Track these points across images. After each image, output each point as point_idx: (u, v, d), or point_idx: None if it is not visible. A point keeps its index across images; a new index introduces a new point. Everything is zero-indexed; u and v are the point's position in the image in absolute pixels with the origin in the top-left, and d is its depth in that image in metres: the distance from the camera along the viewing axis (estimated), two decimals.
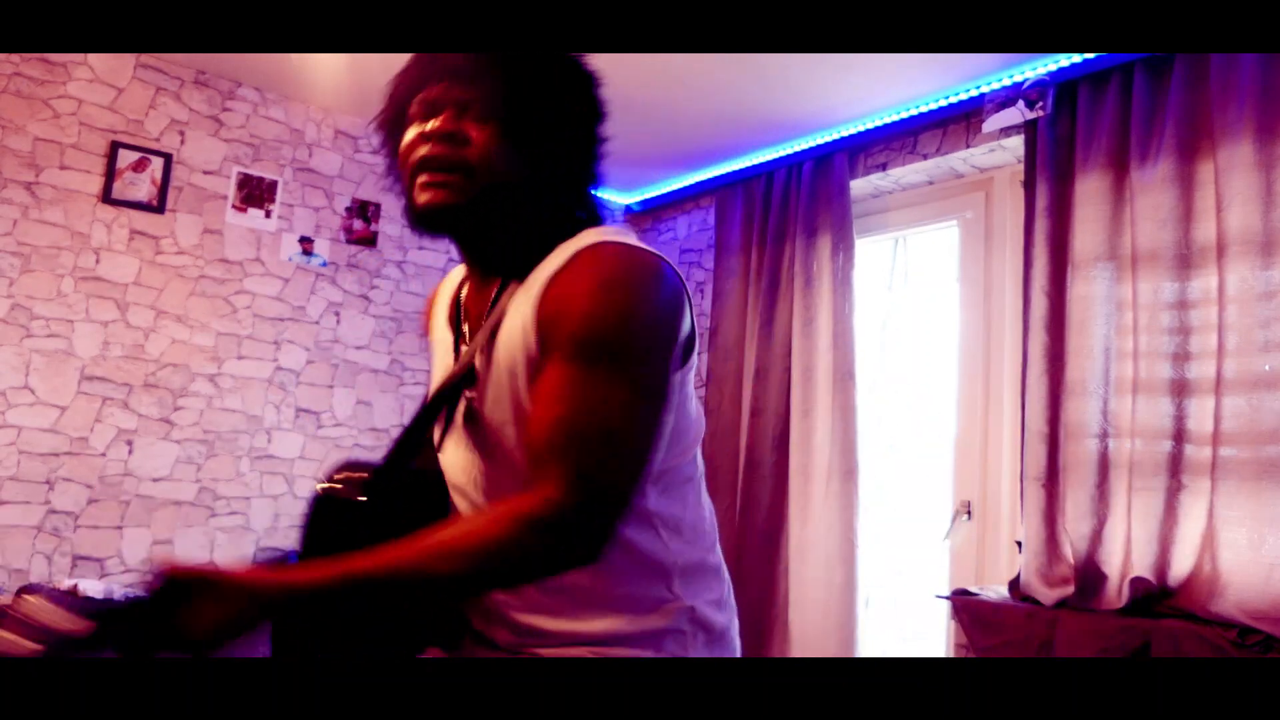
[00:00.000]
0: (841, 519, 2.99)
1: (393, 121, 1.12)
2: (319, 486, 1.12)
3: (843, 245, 3.13)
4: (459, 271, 1.26)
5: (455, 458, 1.15)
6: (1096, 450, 2.37)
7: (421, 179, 1.05)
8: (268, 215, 3.26)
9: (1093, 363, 2.40)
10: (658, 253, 1.06)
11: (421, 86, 1.07)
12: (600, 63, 1.15)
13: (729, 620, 1.16)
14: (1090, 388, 2.40)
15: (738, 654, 1.16)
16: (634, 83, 2.91)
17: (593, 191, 1.15)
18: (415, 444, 1.15)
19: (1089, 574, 2.33)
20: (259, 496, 3.18)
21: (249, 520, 3.15)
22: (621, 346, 0.98)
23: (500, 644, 1.12)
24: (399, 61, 1.13)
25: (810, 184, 3.24)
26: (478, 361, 1.10)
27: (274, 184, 3.28)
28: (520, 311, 1.06)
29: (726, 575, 1.19)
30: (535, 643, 1.10)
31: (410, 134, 1.07)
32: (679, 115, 3.18)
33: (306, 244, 3.33)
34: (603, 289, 0.99)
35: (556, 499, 0.93)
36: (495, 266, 1.13)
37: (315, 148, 3.39)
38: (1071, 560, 2.36)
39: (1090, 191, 2.46)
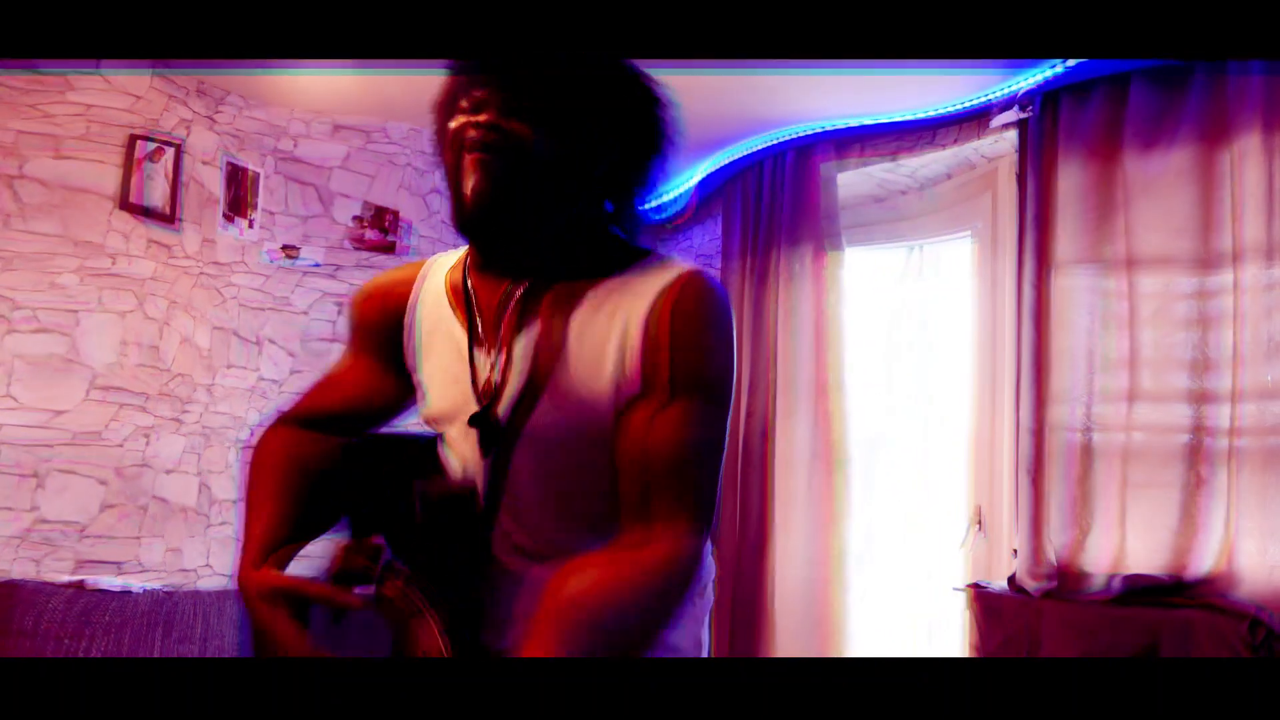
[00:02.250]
0: (837, 520, 3.03)
1: (444, 109, 1.18)
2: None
3: (836, 245, 3.15)
4: (437, 263, 1.28)
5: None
6: (1080, 443, 2.44)
7: (468, 158, 1.10)
8: (250, 225, 3.27)
9: (1075, 356, 2.48)
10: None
11: (472, 84, 1.14)
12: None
13: (711, 579, 1.29)
14: (1074, 394, 2.46)
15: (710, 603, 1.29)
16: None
17: (640, 209, 1.20)
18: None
19: (1070, 568, 2.39)
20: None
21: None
22: (727, 390, 1.11)
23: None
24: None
25: (797, 183, 3.24)
26: (516, 370, 1.13)
27: (258, 177, 3.28)
28: (596, 327, 1.11)
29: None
30: None
31: (458, 120, 1.13)
32: (694, 116, 3.15)
33: (291, 250, 3.33)
34: (721, 330, 1.10)
35: (686, 539, 1.03)
36: (519, 265, 1.16)
37: (304, 138, 3.40)
38: (1054, 557, 2.41)
39: (1075, 184, 2.52)
